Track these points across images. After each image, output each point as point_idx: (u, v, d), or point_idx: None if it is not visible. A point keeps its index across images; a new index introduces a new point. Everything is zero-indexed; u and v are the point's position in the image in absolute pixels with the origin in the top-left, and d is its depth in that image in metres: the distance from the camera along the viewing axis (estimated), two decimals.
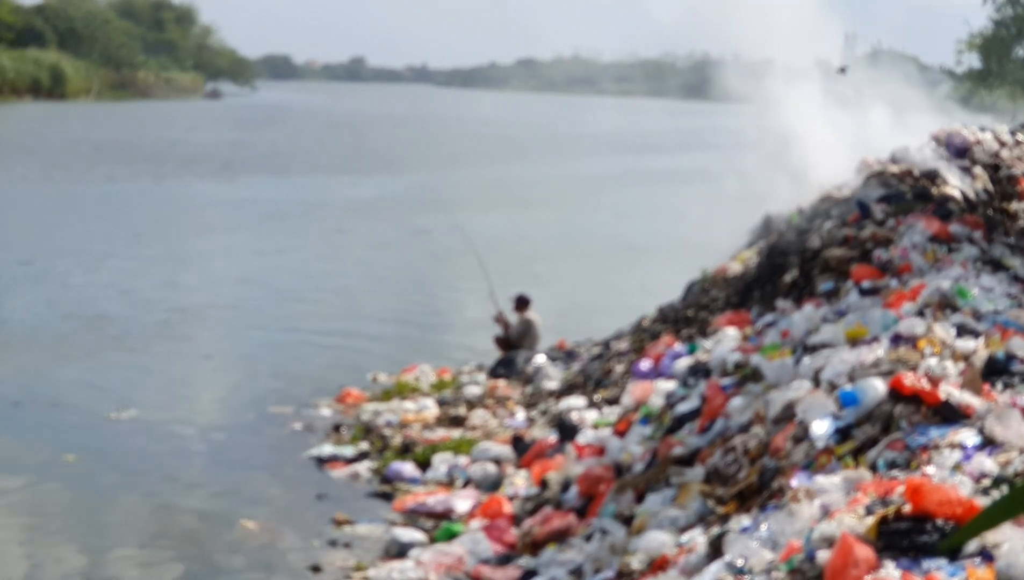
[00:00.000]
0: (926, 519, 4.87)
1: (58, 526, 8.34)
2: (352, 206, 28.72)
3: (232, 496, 8.97)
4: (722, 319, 10.15)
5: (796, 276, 9.90)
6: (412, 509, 8.69)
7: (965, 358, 6.77)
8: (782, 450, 6.54)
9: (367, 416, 10.99)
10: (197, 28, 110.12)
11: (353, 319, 15.78)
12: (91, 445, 10.01)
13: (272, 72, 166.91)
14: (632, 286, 18.55)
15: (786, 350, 8.04)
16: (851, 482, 5.65)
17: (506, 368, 12.38)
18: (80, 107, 71.10)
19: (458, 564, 7.44)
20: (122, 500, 8.85)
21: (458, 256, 20.08)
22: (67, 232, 22.34)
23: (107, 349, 13.57)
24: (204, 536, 8.21)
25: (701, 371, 8.81)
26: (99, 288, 17.12)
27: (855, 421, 6.37)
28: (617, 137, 60.09)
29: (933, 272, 8.69)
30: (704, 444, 7.41)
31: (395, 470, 9.48)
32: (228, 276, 18.60)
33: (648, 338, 11.29)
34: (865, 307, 8.20)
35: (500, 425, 10.63)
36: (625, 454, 8.02)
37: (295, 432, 10.62)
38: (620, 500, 7.37)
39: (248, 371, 12.87)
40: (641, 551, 6.38)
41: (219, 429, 10.76)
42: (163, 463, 9.67)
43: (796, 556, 5.09)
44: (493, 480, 9.13)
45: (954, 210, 9.87)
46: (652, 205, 30.88)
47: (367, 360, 13.36)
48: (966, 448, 5.67)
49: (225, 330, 14.89)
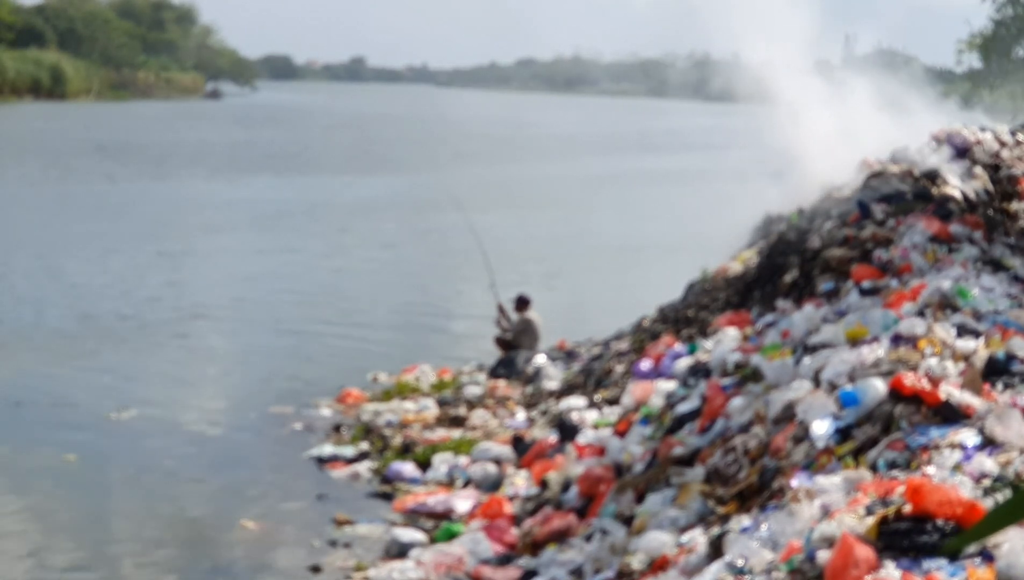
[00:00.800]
0: (926, 519, 4.87)
1: (58, 526, 8.34)
2: (353, 206, 28.72)
3: (232, 496, 8.97)
4: (722, 319, 10.15)
5: (796, 276, 9.90)
6: (412, 509, 8.68)
7: (965, 358, 6.77)
8: (782, 450, 6.54)
9: (367, 416, 10.99)
10: (197, 28, 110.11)
11: (353, 319, 15.78)
12: (92, 445, 10.01)
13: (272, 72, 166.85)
14: (632, 286, 18.55)
15: (786, 350, 8.04)
16: (851, 482, 5.64)
17: (506, 368, 12.38)
18: (80, 107, 71.10)
19: (458, 564, 7.44)
20: (122, 500, 8.85)
21: (459, 256, 20.09)
22: (67, 232, 22.33)
23: (108, 349, 13.57)
24: (204, 536, 8.21)
25: (701, 371, 8.81)
26: (99, 288, 17.12)
27: (855, 421, 6.37)
28: (617, 137, 60.07)
29: (933, 272, 8.69)
30: (704, 444, 7.41)
31: (395, 470, 9.48)
32: (228, 276, 18.59)
33: (648, 338, 11.29)
34: (865, 307, 8.20)
35: (500, 425, 10.63)
36: (625, 454, 8.02)
37: (295, 432, 10.62)
38: (620, 500, 7.37)
39: (248, 371, 12.87)
40: (641, 551, 6.38)
41: (219, 429, 10.76)
42: (163, 463, 9.66)
43: (796, 556, 5.08)
44: (493, 480, 9.13)
45: (954, 210, 9.87)
46: (652, 205, 30.88)
47: (367, 360, 13.36)
48: (966, 448, 5.67)
49: (225, 330, 14.88)
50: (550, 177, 37.61)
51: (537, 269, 19.89)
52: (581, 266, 20.74)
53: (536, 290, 14.56)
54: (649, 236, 25.07)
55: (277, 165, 38.96)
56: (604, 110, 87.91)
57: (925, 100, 14.32)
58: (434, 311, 16.74)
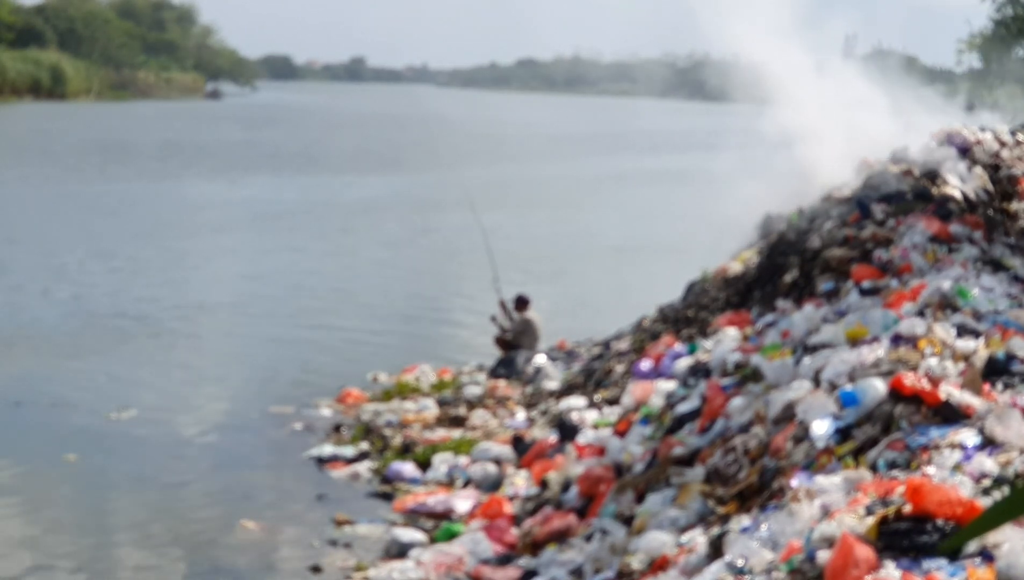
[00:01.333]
0: (926, 519, 4.87)
1: (58, 526, 8.33)
2: (353, 206, 28.71)
3: (232, 496, 8.96)
4: (722, 319, 10.14)
5: (796, 276, 9.90)
6: (412, 509, 8.68)
7: (965, 358, 6.77)
8: (782, 450, 6.54)
9: (367, 416, 10.98)
10: (197, 28, 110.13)
11: (354, 319, 15.77)
12: (92, 445, 10.00)
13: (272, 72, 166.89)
14: (633, 286, 18.55)
15: (786, 350, 8.03)
16: (851, 482, 5.64)
17: (506, 368, 12.38)
18: (80, 107, 71.09)
19: (458, 564, 7.44)
20: (122, 500, 8.84)
21: (459, 256, 20.10)
22: (67, 232, 22.33)
23: (107, 348, 13.56)
24: (204, 536, 8.20)
25: (701, 371, 8.80)
26: (99, 287, 17.10)
27: (855, 421, 6.36)
28: (617, 137, 60.06)
29: (933, 272, 8.69)
30: (704, 444, 7.40)
31: (395, 470, 9.47)
32: (228, 276, 18.58)
33: (648, 338, 11.28)
34: (865, 307, 8.20)
35: (500, 425, 10.63)
36: (625, 454, 8.01)
37: (295, 432, 10.62)
38: (620, 500, 7.36)
39: (249, 371, 12.86)
40: (641, 551, 6.38)
41: (219, 429, 10.75)
42: (164, 463, 9.66)
43: (796, 556, 5.08)
44: (493, 480, 9.13)
45: (954, 210, 9.86)
46: (652, 205, 30.87)
47: (367, 360, 13.35)
48: (966, 448, 5.66)
49: (225, 330, 14.87)
50: (550, 177, 37.60)
51: (538, 269, 19.88)
52: (582, 266, 20.73)
53: (536, 290, 14.55)
54: (649, 236, 25.07)
55: (277, 165, 38.95)
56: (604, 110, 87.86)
57: (926, 99, 14.31)
58: (434, 311, 16.73)
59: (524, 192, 32.53)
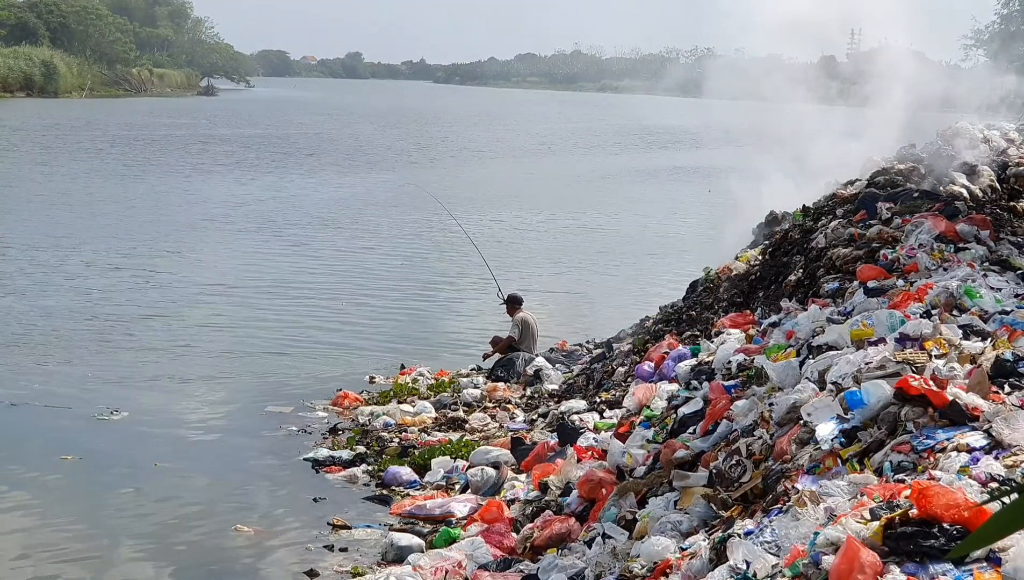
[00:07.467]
0: (933, 523, 4.79)
1: (55, 526, 8.25)
2: (353, 205, 28.65)
3: (227, 499, 8.87)
4: (726, 320, 10.03)
5: (801, 276, 9.80)
6: (410, 513, 8.58)
7: (972, 359, 6.66)
8: (787, 453, 6.44)
9: (364, 419, 10.87)
10: (191, 23, 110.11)
11: (350, 320, 15.68)
12: (88, 446, 9.93)
13: (268, 68, 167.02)
14: (634, 286, 18.47)
15: (791, 351, 7.93)
16: (857, 485, 5.55)
17: (505, 370, 12.28)
18: (73, 104, 70.96)
19: (457, 569, 7.34)
20: (118, 502, 8.75)
21: (457, 257, 20.02)
22: (66, 231, 22.26)
23: (104, 349, 13.48)
24: (199, 540, 8.10)
25: (704, 373, 8.70)
26: (97, 288, 17.05)
27: (861, 423, 6.26)
28: (617, 134, 60.03)
29: (940, 272, 8.58)
30: (707, 447, 7.30)
31: (393, 474, 9.37)
32: (225, 276, 18.51)
33: (651, 339, 11.18)
34: (871, 307, 8.09)
35: (499, 428, 10.53)
36: (627, 457, 7.91)
37: (291, 435, 10.52)
38: (622, 504, 7.26)
39: (244, 373, 12.77)
40: (643, 556, 6.28)
41: (215, 431, 10.66)
42: (159, 465, 9.57)
43: (801, 560, 5.00)
44: (492, 484, 9.03)
45: (961, 209, 9.75)
46: (653, 203, 30.81)
47: (364, 362, 13.27)
48: (973, 451, 5.57)
49: (221, 331, 14.77)
50: (549, 175, 37.54)
51: (538, 268, 19.81)
52: (582, 266, 20.65)
53: (537, 289, 14.46)
54: (650, 235, 24.99)
55: (278, 164, 38.89)
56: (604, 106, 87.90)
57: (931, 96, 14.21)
58: (432, 312, 16.63)
59: (523, 191, 32.49)
